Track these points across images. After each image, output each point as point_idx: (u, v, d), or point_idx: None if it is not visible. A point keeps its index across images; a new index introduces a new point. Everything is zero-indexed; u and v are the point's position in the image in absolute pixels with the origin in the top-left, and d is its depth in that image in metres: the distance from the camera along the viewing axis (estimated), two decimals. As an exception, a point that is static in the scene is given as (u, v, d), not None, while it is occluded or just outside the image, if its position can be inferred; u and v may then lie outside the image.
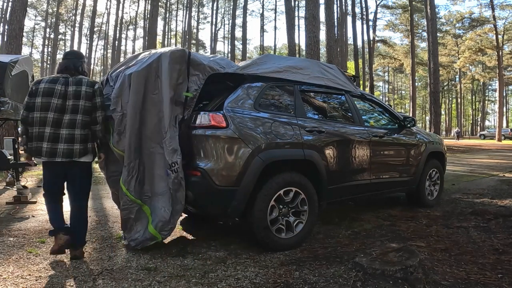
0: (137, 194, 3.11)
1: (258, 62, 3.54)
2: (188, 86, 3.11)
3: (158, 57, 3.10)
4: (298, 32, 34.06)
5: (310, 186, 3.33)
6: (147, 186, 3.16)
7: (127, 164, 3.08)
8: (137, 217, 3.15)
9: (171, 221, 3.08)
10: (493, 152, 17.73)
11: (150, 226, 3.08)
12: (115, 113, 3.11)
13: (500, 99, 35.42)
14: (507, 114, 54.97)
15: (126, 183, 3.08)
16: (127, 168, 3.08)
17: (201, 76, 3.17)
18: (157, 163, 3.12)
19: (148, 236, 3.08)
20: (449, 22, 42.32)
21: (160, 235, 3.06)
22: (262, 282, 2.49)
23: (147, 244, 3.09)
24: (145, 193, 3.16)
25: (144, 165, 3.15)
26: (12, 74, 5.14)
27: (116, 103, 3.12)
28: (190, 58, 3.11)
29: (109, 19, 37.05)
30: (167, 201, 3.07)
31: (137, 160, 3.12)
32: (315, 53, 10.92)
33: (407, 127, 4.65)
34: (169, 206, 3.06)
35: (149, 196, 3.16)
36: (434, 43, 21.52)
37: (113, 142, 3.17)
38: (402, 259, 2.39)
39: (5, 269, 2.67)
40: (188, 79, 3.12)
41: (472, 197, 5.62)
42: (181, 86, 3.09)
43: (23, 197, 5.17)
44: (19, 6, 10.94)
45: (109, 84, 3.37)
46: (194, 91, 3.14)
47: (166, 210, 3.06)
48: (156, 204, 3.12)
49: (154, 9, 18.80)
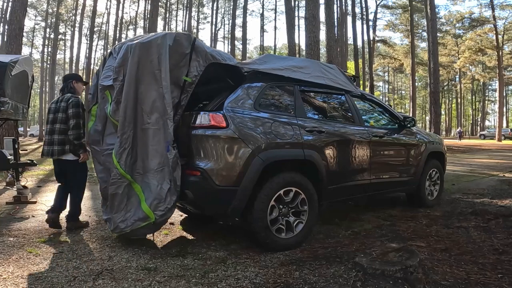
0: (127, 169, 3.07)
1: (259, 62, 3.55)
2: (188, 71, 3.11)
3: (164, 36, 3.10)
4: (298, 32, 34.03)
5: (310, 186, 3.33)
6: (140, 162, 3.11)
7: (120, 135, 3.06)
8: (125, 194, 3.07)
9: (167, 201, 3.00)
10: (493, 152, 17.73)
11: (144, 204, 3.00)
12: (116, 82, 3.13)
13: (500, 99, 35.41)
14: (507, 114, 54.95)
15: (118, 154, 3.06)
16: (120, 139, 3.06)
17: (201, 63, 3.16)
18: (152, 138, 3.07)
19: (141, 215, 3.00)
20: (449, 22, 42.30)
21: (153, 214, 2.97)
22: (262, 282, 2.49)
23: (138, 225, 3.00)
24: (136, 169, 3.10)
25: (137, 139, 3.11)
26: (12, 74, 5.13)
27: (118, 73, 3.14)
28: (195, 43, 3.12)
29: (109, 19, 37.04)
30: (163, 179, 3.00)
31: (131, 132, 3.09)
32: (315, 53, 10.91)
33: (407, 127, 4.65)
34: (165, 184, 2.99)
35: (141, 173, 3.10)
36: (434, 43, 21.50)
37: (110, 112, 3.18)
38: (402, 259, 2.39)
39: (5, 269, 2.67)
40: (190, 64, 3.11)
41: (472, 197, 5.62)
42: (182, 70, 3.10)
43: (23, 197, 5.17)
44: (19, 6, 10.93)
45: (113, 56, 3.38)
46: (193, 77, 3.13)
47: (162, 187, 2.99)
48: (150, 181, 3.06)
49: (154, 9, 18.78)
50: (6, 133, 8.75)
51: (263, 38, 44.39)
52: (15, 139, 5.91)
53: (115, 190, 3.08)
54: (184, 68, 3.11)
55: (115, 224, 3.11)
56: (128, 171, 3.08)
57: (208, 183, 2.92)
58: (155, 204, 2.99)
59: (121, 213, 3.08)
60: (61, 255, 3.00)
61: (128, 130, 3.09)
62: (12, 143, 5.66)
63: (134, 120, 3.11)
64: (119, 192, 3.08)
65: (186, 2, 40.04)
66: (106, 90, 3.33)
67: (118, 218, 3.08)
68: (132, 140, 3.11)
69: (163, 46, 3.04)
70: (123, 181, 3.09)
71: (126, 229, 3.04)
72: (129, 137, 3.09)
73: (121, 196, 3.08)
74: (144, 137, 3.11)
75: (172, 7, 42.03)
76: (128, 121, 3.09)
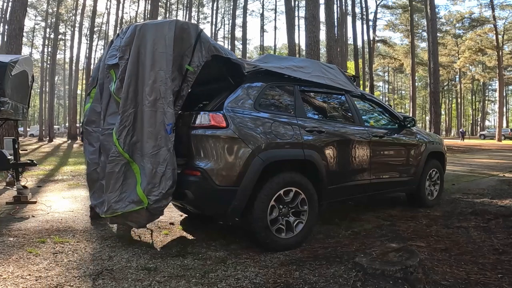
0: (126, 147, 3.04)
1: (259, 61, 3.55)
2: (191, 60, 3.11)
3: (172, 21, 3.11)
4: (298, 32, 34.03)
5: (310, 186, 3.33)
6: (139, 143, 3.08)
7: (121, 112, 3.06)
8: (123, 174, 3.03)
9: (161, 186, 2.93)
10: (493, 152, 17.73)
11: (139, 187, 2.95)
12: (121, 61, 3.14)
13: (500, 99, 35.42)
14: (507, 114, 54.94)
15: (118, 132, 3.03)
16: (121, 117, 3.05)
17: (204, 54, 3.14)
18: (148, 119, 3.04)
19: (135, 198, 2.94)
20: (449, 22, 42.31)
21: (147, 199, 2.91)
22: (262, 282, 2.49)
23: (131, 208, 2.93)
24: (137, 150, 3.07)
25: (138, 119, 3.09)
26: (12, 74, 5.14)
27: (124, 51, 3.15)
28: (200, 34, 3.13)
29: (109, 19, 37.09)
30: (158, 163, 2.94)
31: (133, 110, 3.08)
32: (315, 53, 10.91)
33: (407, 127, 4.65)
34: (160, 168, 2.93)
35: (140, 155, 3.06)
36: (434, 43, 21.50)
37: (114, 90, 3.19)
38: (402, 259, 2.39)
39: (5, 269, 2.67)
40: (193, 53, 3.11)
41: (472, 197, 5.62)
42: (185, 58, 3.10)
43: (23, 197, 5.16)
44: (19, 6, 10.94)
45: (120, 37, 3.39)
46: (196, 67, 3.12)
47: (157, 172, 2.93)
48: (146, 164, 3.01)
49: (154, 9, 18.80)
50: (6, 133, 8.75)
51: (263, 38, 44.43)
52: (15, 139, 5.91)
53: (112, 168, 3.02)
54: (187, 57, 3.11)
55: (108, 204, 3.01)
56: (127, 150, 3.04)
57: (208, 183, 2.92)
58: (149, 189, 2.92)
59: (116, 193, 3.01)
60: (61, 255, 3.00)
61: (130, 108, 3.06)
62: (12, 143, 5.66)
63: (135, 99, 3.10)
64: (116, 171, 3.02)
65: (186, 2, 40.06)
66: (111, 69, 3.33)
67: (112, 198, 3.00)
68: (133, 119, 3.08)
69: (170, 31, 3.04)
70: (121, 159, 3.03)
71: (118, 210, 2.96)
72: (130, 115, 3.07)
73: (117, 174, 3.02)
74: (142, 118, 3.09)
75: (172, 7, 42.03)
76: (130, 99, 3.07)
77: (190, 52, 3.10)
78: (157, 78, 3.03)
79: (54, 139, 30.46)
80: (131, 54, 3.09)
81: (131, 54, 3.09)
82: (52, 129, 31.93)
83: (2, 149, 5.51)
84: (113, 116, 3.32)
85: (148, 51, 3.08)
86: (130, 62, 3.09)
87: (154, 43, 3.06)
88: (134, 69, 3.09)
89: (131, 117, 3.08)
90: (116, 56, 3.27)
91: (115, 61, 3.23)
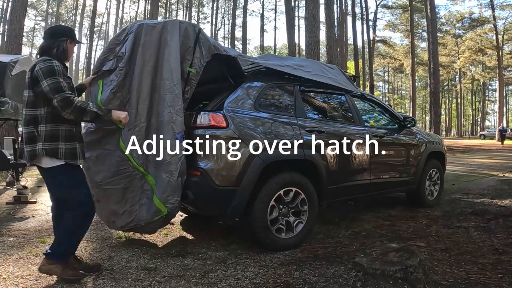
0: (140, 161, 2.99)
1: (259, 59, 3.55)
2: (192, 62, 3.07)
3: (173, 22, 3.08)
4: (298, 32, 34.04)
5: (310, 186, 3.33)
6: (151, 155, 3.01)
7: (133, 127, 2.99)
8: (140, 187, 3.00)
9: (176, 193, 2.91)
10: (493, 152, 17.72)
11: (155, 197, 2.93)
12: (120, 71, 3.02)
13: (500, 99, 35.40)
14: (507, 114, 54.86)
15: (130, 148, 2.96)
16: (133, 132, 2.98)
17: (205, 54, 3.11)
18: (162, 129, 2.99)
19: (154, 208, 2.92)
20: (449, 22, 42.32)
21: (165, 207, 2.90)
22: (262, 282, 2.49)
23: (153, 218, 2.93)
24: (150, 161, 3.01)
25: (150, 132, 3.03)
26: (12, 74, 5.14)
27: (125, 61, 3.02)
28: (199, 34, 3.10)
29: (109, 19, 37.19)
30: (171, 171, 2.90)
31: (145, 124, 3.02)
32: (315, 53, 10.91)
33: (407, 127, 4.65)
34: (174, 177, 2.89)
35: (154, 166, 3.00)
36: (434, 43, 21.50)
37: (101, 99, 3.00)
38: (402, 259, 2.39)
39: (5, 269, 2.67)
40: (194, 54, 3.08)
41: (472, 197, 5.62)
42: (186, 61, 3.06)
43: (23, 197, 5.16)
44: (19, 6, 10.93)
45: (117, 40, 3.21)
46: (198, 68, 3.09)
47: (171, 180, 2.89)
48: (160, 174, 2.95)
49: (154, 9, 18.81)
50: (6, 133, 8.76)
51: (263, 38, 44.48)
52: (15, 139, 5.91)
53: (129, 182, 3.00)
54: (188, 60, 3.07)
55: (131, 217, 3.00)
56: (141, 164, 3.01)
57: (208, 183, 2.92)
58: (165, 197, 2.91)
59: (136, 206, 3.00)
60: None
61: (141, 122, 3.02)
62: (12, 143, 5.67)
63: (147, 112, 3.04)
64: (133, 185, 3.00)
65: (186, 2, 40.08)
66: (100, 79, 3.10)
67: (135, 211, 2.99)
68: (145, 132, 3.03)
69: (174, 36, 3.01)
70: (137, 173, 3.01)
71: (142, 222, 2.98)
72: (142, 129, 3.02)
73: (135, 188, 3.01)
74: (154, 129, 3.05)
75: (172, 7, 42.04)
76: (140, 113, 3.02)
77: (191, 54, 3.06)
78: (164, 87, 2.99)
79: (54, 139, 30.42)
80: (136, 66, 3.01)
81: (136, 66, 3.01)
82: (52, 129, 31.85)
83: (2, 149, 5.52)
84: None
85: (152, 60, 3.02)
86: (136, 74, 3.01)
87: (158, 52, 3.02)
88: (140, 80, 3.02)
89: (143, 131, 3.02)
90: (109, 61, 3.07)
91: (108, 67, 3.05)
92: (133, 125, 3.00)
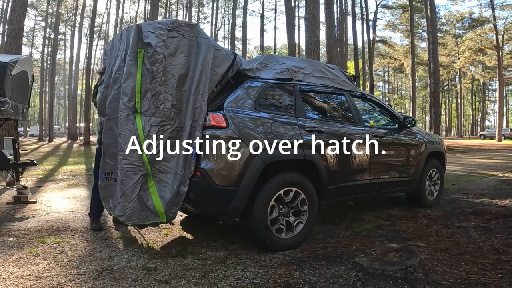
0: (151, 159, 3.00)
1: (259, 66, 3.49)
2: (220, 82, 3.21)
3: (210, 46, 3.16)
4: (298, 32, 33.95)
5: (310, 186, 3.33)
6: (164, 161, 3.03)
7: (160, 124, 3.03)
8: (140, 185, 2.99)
9: (179, 203, 2.96)
10: (493, 152, 17.71)
11: (158, 204, 2.96)
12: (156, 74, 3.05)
13: (500, 99, 35.38)
14: (507, 114, 54.89)
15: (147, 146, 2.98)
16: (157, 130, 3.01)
17: (229, 74, 3.24)
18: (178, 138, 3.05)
19: (154, 212, 2.96)
20: (449, 22, 42.27)
21: (165, 216, 2.94)
22: (262, 282, 2.49)
23: (149, 221, 2.97)
24: (160, 165, 3.02)
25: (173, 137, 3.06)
26: (12, 74, 5.13)
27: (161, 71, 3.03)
28: (235, 59, 3.23)
29: (109, 19, 37.03)
30: (182, 182, 2.93)
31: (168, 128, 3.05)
32: (315, 53, 10.90)
33: (407, 127, 4.65)
34: (183, 188, 2.92)
35: (164, 171, 3.03)
36: (434, 43, 21.48)
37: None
38: (402, 259, 2.39)
39: (5, 269, 2.67)
40: (225, 76, 3.22)
41: (472, 197, 5.62)
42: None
43: (23, 197, 5.16)
44: (19, 6, 10.93)
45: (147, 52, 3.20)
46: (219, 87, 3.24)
47: (179, 191, 2.93)
48: (171, 182, 2.98)
49: (154, 9, 18.78)
50: (6, 133, 8.75)
51: (263, 38, 44.39)
52: (15, 139, 5.91)
53: (132, 175, 2.99)
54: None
55: (125, 212, 3.00)
56: (150, 162, 3.01)
57: (208, 183, 2.92)
58: (169, 206, 2.95)
59: (133, 203, 2.99)
60: (61, 255, 3.00)
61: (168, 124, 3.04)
62: (12, 143, 5.66)
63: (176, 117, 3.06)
64: (135, 178, 2.99)
65: (186, 2, 40.04)
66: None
67: (130, 208, 2.98)
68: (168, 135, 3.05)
69: (210, 52, 3.11)
70: (143, 170, 3.00)
71: (137, 222, 3.00)
72: (167, 130, 3.03)
73: (135, 183, 2.99)
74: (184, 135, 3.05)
75: (172, 7, 42.00)
76: (172, 117, 3.04)
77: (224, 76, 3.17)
78: (196, 101, 3.02)
79: (54, 139, 30.48)
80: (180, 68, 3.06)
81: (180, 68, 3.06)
82: (52, 129, 31.93)
83: (2, 149, 5.51)
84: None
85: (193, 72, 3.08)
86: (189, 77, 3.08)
87: (195, 66, 3.08)
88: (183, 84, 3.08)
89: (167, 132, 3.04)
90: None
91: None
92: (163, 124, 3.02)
